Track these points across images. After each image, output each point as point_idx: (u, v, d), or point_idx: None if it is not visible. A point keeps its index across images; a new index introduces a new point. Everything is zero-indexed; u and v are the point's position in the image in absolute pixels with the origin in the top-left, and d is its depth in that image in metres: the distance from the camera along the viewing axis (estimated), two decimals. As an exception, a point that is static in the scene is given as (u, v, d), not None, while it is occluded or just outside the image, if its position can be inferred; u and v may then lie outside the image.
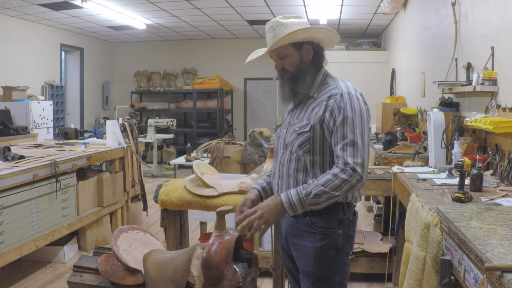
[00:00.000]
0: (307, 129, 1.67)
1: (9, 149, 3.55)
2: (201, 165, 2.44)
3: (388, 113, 6.16)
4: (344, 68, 7.40)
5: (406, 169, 2.93)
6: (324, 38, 1.78)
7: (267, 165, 2.27)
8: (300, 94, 1.75)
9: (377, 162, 4.56)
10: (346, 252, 1.75)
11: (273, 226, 2.19)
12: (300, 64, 1.74)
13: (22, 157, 3.51)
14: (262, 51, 1.82)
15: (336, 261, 1.71)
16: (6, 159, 3.43)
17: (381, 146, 4.49)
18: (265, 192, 1.88)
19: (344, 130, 1.61)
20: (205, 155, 5.97)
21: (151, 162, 8.39)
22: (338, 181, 1.58)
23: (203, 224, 4.21)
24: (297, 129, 1.70)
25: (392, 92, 7.57)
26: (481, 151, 3.02)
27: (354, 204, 1.78)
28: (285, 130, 1.79)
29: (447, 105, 3.68)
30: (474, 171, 2.25)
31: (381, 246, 3.47)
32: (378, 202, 5.13)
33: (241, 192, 2.25)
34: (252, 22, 8.68)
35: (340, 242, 1.70)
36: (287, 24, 1.70)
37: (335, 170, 1.59)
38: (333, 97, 1.66)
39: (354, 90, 1.70)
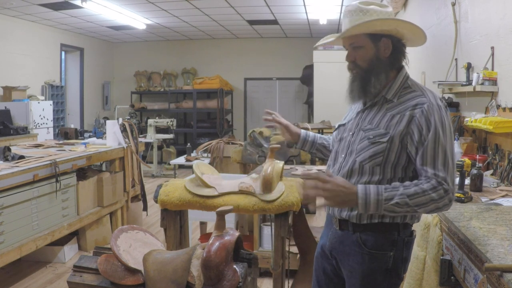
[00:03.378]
0: (384, 139, 1.45)
1: (9, 149, 3.55)
2: (201, 165, 2.43)
3: (388, 113, 6.13)
4: (344, 68, 7.35)
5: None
6: (409, 34, 1.53)
7: (267, 165, 2.26)
8: (370, 94, 1.53)
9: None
10: (397, 274, 1.54)
11: (273, 225, 2.18)
12: (375, 60, 1.52)
13: (22, 157, 3.50)
14: (334, 36, 1.63)
15: (384, 284, 1.53)
16: (6, 159, 3.43)
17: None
18: (305, 139, 1.85)
19: (436, 148, 1.39)
20: (205, 155, 5.97)
21: (151, 162, 8.39)
22: (425, 199, 1.36)
23: (203, 224, 4.21)
24: (371, 137, 1.48)
25: (392, 92, 7.56)
26: (481, 151, 3.02)
27: (411, 224, 1.56)
28: (351, 133, 1.58)
29: (447, 105, 3.68)
30: (474, 171, 2.25)
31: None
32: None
33: (241, 192, 2.24)
34: (252, 22, 8.68)
35: (390, 264, 1.51)
36: (367, 11, 1.49)
37: (425, 184, 1.37)
38: (420, 107, 1.43)
39: (440, 101, 1.48)
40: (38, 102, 7.46)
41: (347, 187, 1.40)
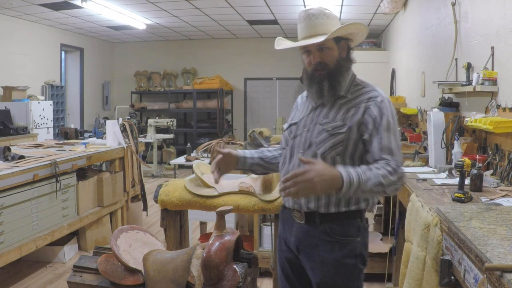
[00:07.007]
0: (343, 130, 1.58)
1: (9, 149, 3.55)
2: (201, 165, 2.44)
3: (388, 113, 6.14)
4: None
5: (406, 169, 2.92)
6: (356, 34, 1.69)
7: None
8: (337, 91, 1.64)
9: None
10: (364, 260, 1.69)
11: (272, 225, 2.19)
12: (339, 60, 1.65)
13: (22, 157, 3.50)
14: (307, 40, 1.69)
15: (356, 269, 1.64)
16: (6, 159, 3.43)
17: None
18: (244, 161, 1.80)
19: (389, 136, 1.57)
20: (205, 155, 5.97)
21: (151, 162, 8.39)
22: (393, 178, 1.48)
23: (203, 224, 4.21)
24: (330, 129, 1.60)
25: (392, 92, 7.56)
26: (481, 151, 3.02)
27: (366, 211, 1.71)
28: (306, 129, 1.67)
29: (447, 105, 3.68)
30: (474, 171, 2.25)
31: (381, 246, 3.47)
32: (378, 202, 5.13)
33: (241, 192, 2.25)
34: (252, 22, 8.68)
35: (358, 249, 1.64)
36: (329, 15, 1.62)
37: (388, 167, 1.49)
38: (374, 100, 1.60)
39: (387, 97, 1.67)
40: (38, 102, 7.46)
41: (329, 171, 1.44)
